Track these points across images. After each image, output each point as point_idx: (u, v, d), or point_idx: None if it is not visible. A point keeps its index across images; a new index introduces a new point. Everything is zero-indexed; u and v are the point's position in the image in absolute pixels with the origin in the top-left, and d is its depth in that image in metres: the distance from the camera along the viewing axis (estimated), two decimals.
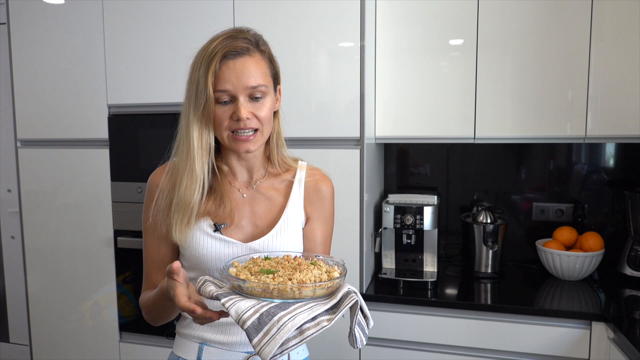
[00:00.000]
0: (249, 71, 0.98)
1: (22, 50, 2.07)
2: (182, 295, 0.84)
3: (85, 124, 2.02)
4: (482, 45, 1.84)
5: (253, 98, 0.99)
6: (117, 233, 2.02)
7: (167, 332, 1.97)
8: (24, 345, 2.79)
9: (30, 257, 2.17)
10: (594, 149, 2.09)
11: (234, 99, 0.98)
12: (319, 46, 1.76)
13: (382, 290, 1.84)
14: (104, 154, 2.00)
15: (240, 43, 0.98)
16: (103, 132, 2.00)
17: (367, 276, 1.86)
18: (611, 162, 2.08)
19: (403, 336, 1.77)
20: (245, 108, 0.98)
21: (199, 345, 1.06)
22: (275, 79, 1.06)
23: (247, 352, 1.04)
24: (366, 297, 1.80)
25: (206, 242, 1.03)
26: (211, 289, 0.86)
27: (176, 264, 0.86)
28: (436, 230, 1.93)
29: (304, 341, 0.80)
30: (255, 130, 1.01)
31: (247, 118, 0.98)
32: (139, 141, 1.96)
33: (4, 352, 2.94)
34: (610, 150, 2.07)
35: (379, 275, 1.93)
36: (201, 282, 0.89)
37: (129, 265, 2.03)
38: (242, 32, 1.02)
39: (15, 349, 2.92)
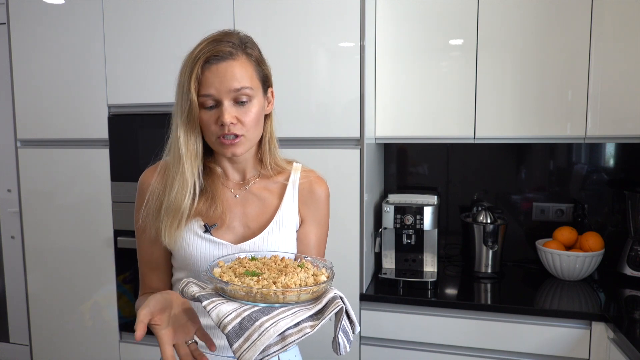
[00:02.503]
0: (233, 74, 0.96)
1: (22, 50, 2.07)
2: (166, 344, 0.82)
3: (85, 124, 2.02)
4: (482, 45, 1.84)
5: (238, 102, 0.98)
6: (117, 233, 2.02)
7: None
8: (24, 345, 2.79)
9: (30, 257, 2.17)
10: (594, 149, 2.08)
11: (219, 104, 0.97)
12: (319, 46, 1.76)
13: (382, 290, 1.84)
14: (104, 154, 2.01)
15: (224, 47, 0.97)
16: (103, 132, 2.00)
17: (367, 276, 1.86)
18: (611, 162, 2.08)
19: (403, 336, 1.77)
20: (229, 113, 0.96)
21: None
22: (265, 82, 1.05)
23: (234, 358, 1.03)
24: (366, 297, 1.80)
25: (196, 243, 1.02)
26: (194, 289, 0.83)
27: (138, 334, 0.79)
28: (436, 230, 1.93)
29: (285, 347, 0.77)
30: (241, 134, 0.99)
31: (232, 123, 0.96)
32: (139, 141, 1.96)
33: (4, 352, 2.94)
34: (610, 150, 2.07)
35: (379, 275, 1.93)
36: (184, 284, 0.86)
37: (129, 265, 2.03)
38: (228, 35, 1.00)
39: (15, 349, 2.92)
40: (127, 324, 2.06)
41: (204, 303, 0.80)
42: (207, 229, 1.02)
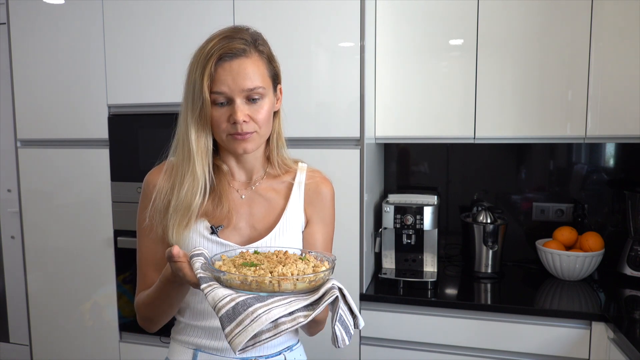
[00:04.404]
0: (246, 73, 0.96)
1: (22, 50, 2.07)
2: (193, 274, 0.85)
3: (85, 124, 2.02)
4: (482, 45, 1.84)
5: (250, 100, 0.98)
6: (117, 233, 2.02)
7: (162, 336, 1.97)
8: (24, 345, 2.79)
9: (30, 257, 2.17)
10: (594, 149, 2.08)
11: (230, 101, 0.97)
12: (319, 46, 1.76)
13: (382, 290, 1.84)
14: (103, 154, 2.00)
15: (236, 44, 0.96)
16: (103, 132, 2.00)
17: (367, 276, 1.86)
18: (611, 162, 2.08)
19: (403, 336, 1.77)
20: (242, 111, 0.96)
21: (193, 352, 1.04)
22: (275, 79, 1.04)
23: (241, 359, 1.03)
24: (366, 297, 1.80)
25: (202, 245, 1.01)
26: (197, 266, 0.85)
27: (175, 250, 0.85)
28: (436, 230, 1.93)
29: (277, 335, 0.78)
30: (253, 131, 0.99)
31: (244, 121, 0.96)
32: (139, 141, 1.96)
33: (4, 352, 2.94)
34: (610, 150, 2.07)
35: (379, 275, 1.93)
36: (196, 253, 0.87)
37: (129, 265, 2.03)
38: (239, 31, 1.00)
39: (15, 349, 2.92)
40: (127, 324, 2.06)
41: (202, 286, 0.80)
42: (213, 231, 1.02)
